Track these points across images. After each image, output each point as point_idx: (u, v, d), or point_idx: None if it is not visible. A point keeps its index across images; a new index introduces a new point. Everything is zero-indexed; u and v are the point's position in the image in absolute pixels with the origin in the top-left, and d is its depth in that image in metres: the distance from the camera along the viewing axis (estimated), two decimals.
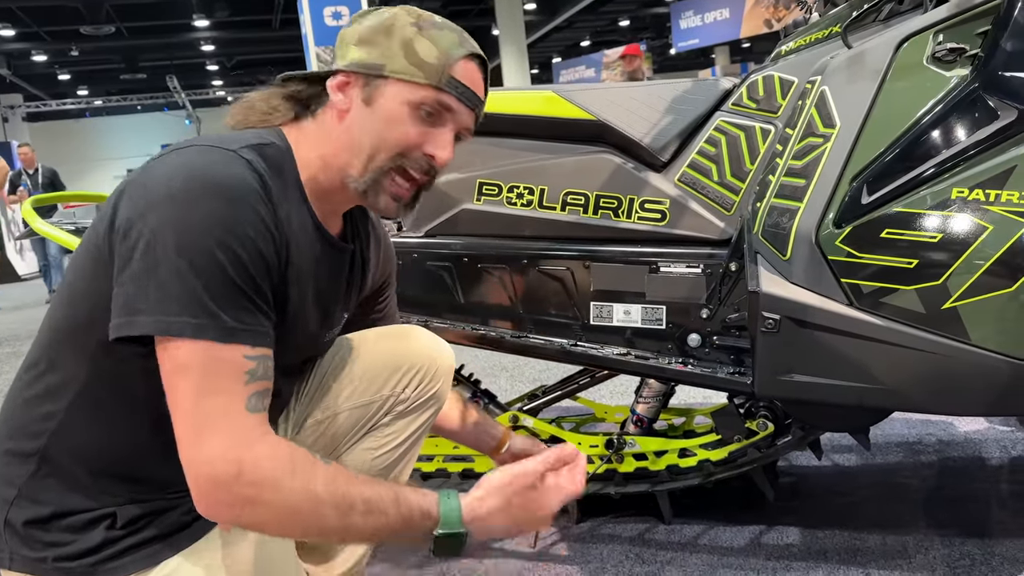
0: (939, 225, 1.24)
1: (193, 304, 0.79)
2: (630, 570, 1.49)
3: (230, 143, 0.89)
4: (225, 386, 0.81)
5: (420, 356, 1.17)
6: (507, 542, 1.65)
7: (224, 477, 0.79)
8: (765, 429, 1.61)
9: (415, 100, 0.93)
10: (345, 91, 0.95)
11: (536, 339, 1.65)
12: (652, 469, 1.70)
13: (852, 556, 1.46)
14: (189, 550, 0.93)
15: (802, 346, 1.32)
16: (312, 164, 0.96)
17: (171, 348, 0.80)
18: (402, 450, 1.18)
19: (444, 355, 1.21)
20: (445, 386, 1.21)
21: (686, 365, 1.55)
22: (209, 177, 0.83)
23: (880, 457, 1.92)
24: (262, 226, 0.84)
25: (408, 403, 1.17)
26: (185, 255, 0.79)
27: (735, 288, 1.53)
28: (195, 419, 0.80)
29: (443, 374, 1.20)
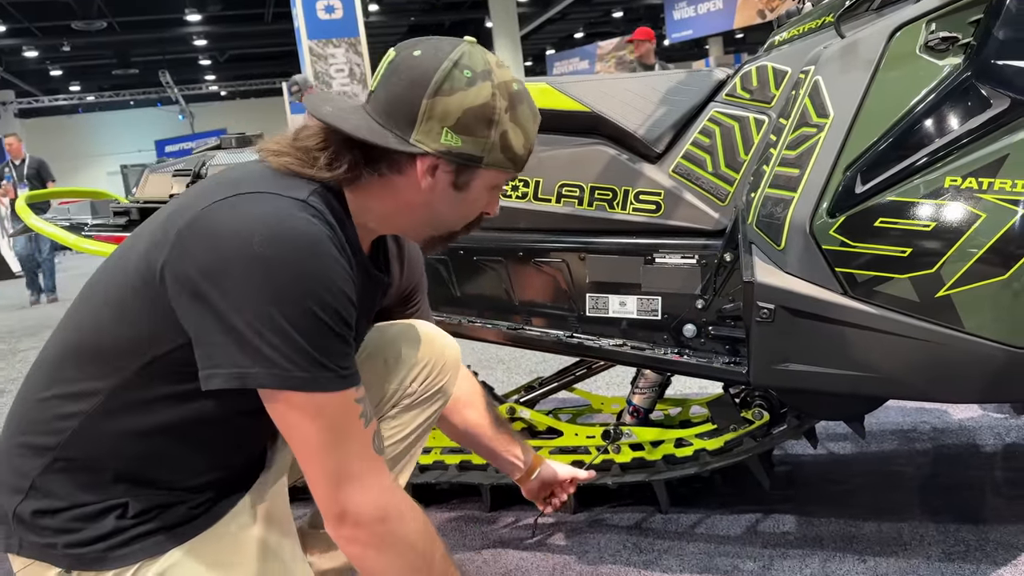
0: (933, 214, 1.25)
1: (303, 359, 0.84)
2: (627, 559, 1.50)
3: (294, 190, 0.89)
4: (350, 432, 0.88)
5: (427, 350, 1.18)
6: (503, 532, 1.66)
7: (368, 520, 0.89)
8: (760, 418, 1.62)
9: (500, 184, 0.99)
10: (435, 174, 0.94)
11: (532, 331, 1.65)
12: (649, 459, 1.70)
13: (848, 543, 1.47)
14: (196, 540, 0.96)
15: (797, 335, 1.33)
16: (368, 215, 0.97)
17: (284, 400, 0.86)
18: (407, 443, 1.19)
19: (451, 349, 1.22)
20: (452, 380, 1.21)
21: (682, 355, 1.56)
22: (290, 232, 0.84)
23: (875, 445, 1.94)
24: (345, 274, 0.88)
25: (415, 397, 1.18)
26: (282, 311, 0.82)
27: (730, 278, 1.53)
28: (333, 465, 0.88)
29: (450, 368, 1.20)
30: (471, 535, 1.67)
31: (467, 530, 1.70)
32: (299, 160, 0.94)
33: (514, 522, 1.72)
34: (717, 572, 1.42)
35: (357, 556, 0.91)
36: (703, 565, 1.45)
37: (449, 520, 1.77)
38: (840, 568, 1.39)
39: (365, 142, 0.92)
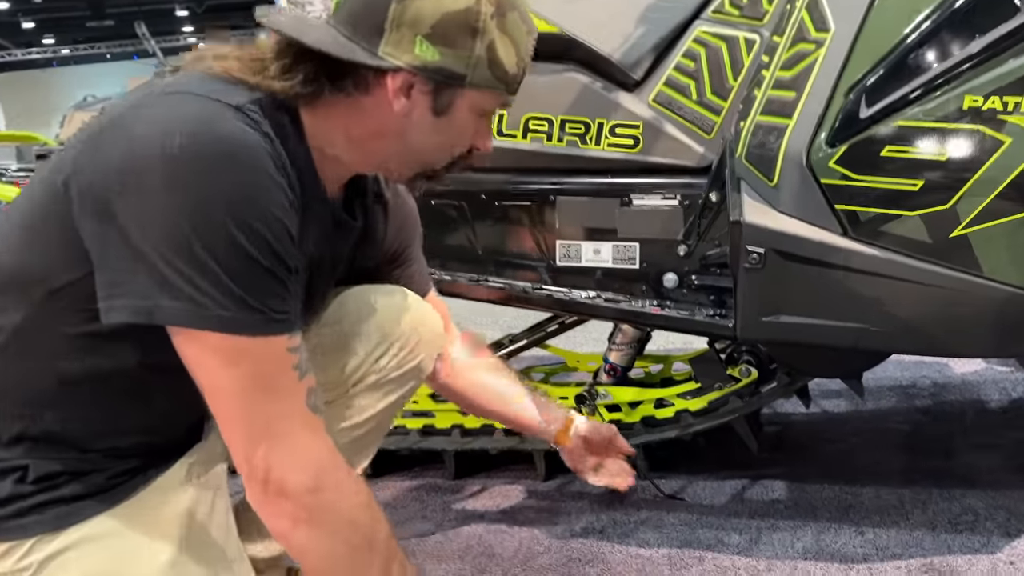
0: (948, 140, 1.08)
1: (221, 294, 0.70)
2: (601, 531, 1.37)
3: (230, 95, 0.73)
4: (278, 384, 0.74)
5: (403, 322, 1.01)
6: (466, 504, 1.52)
7: (297, 488, 0.74)
8: (748, 376, 1.47)
9: (488, 108, 0.84)
10: (410, 94, 0.79)
11: (496, 282, 1.49)
12: (626, 421, 1.56)
13: (844, 513, 1.34)
14: (107, 514, 0.81)
15: (790, 283, 1.17)
16: (329, 142, 0.81)
17: (199, 341, 0.71)
18: (372, 425, 1.03)
19: (429, 325, 1.05)
20: (428, 360, 1.05)
21: (662, 308, 1.40)
22: (217, 138, 0.70)
23: (871, 402, 1.80)
24: (284, 199, 0.73)
25: (385, 373, 1.01)
26: (200, 236, 0.68)
27: (716, 221, 1.37)
28: (255, 422, 0.74)
29: (426, 346, 1.04)
30: (432, 506, 1.53)
31: (428, 500, 1.56)
32: (245, 66, 0.77)
33: (479, 491, 1.58)
34: (699, 546, 1.29)
35: (284, 532, 0.76)
36: (684, 538, 1.32)
37: (410, 489, 1.62)
38: (835, 541, 1.26)
39: (327, 56, 0.76)
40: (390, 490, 1.63)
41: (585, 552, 1.30)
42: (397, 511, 1.52)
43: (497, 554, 1.33)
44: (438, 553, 1.35)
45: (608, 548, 1.31)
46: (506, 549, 1.34)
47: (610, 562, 1.27)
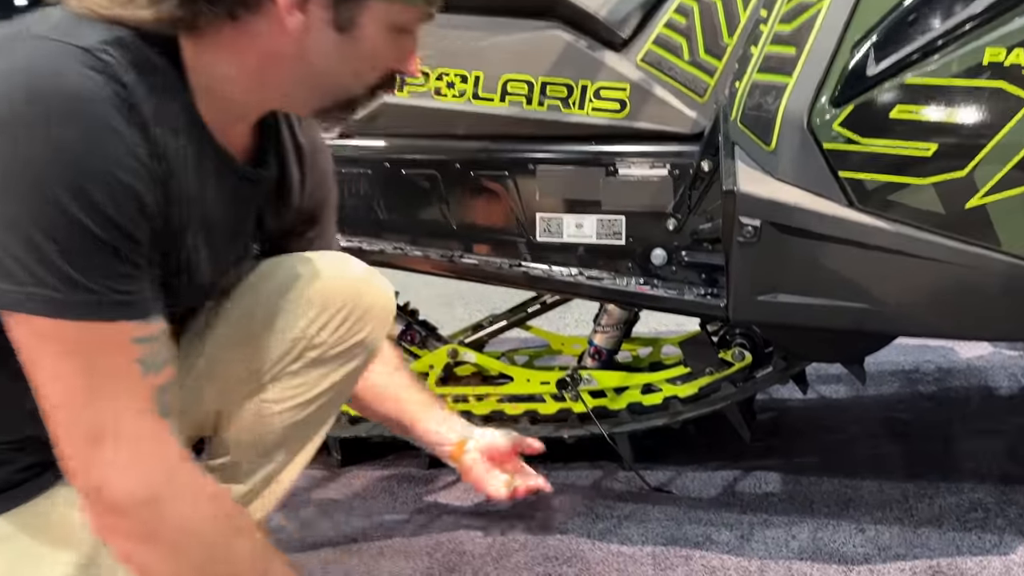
0: (967, 99, 0.97)
1: (49, 273, 0.60)
2: (581, 527, 1.27)
3: (79, 36, 0.63)
4: (116, 380, 0.65)
5: (343, 292, 0.90)
6: (439, 496, 1.42)
7: (130, 501, 0.65)
8: (741, 360, 1.36)
9: (401, 23, 0.72)
10: (304, 8, 0.68)
11: (469, 259, 1.38)
12: (611, 408, 1.46)
13: (843, 508, 1.24)
14: (10, 515, 0.73)
15: (788, 258, 1.07)
16: (219, 77, 0.70)
17: (27, 326, 0.62)
18: (313, 408, 0.93)
19: (377, 294, 0.94)
20: (377, 333, 0.94)
21: (648, 286, 1.29)
22: (46, 90, 0.60)
23: (872, 388, 1.70)
24: (132, 159, 0.63)
25: (324, 349, 0.90)
26: (26, 206, 0.60)
27: (708, 192, 1.26)
28: (84, 421, 0.64)
29: (374, 317, 0.93)
30: (403, 498, 1.43)
31: (399, 492, 1.46)
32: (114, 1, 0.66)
33: (454, 482, 1.48)
34: (686, 543, 1.19)
35: (122, 554, 0.67)
36: (670, 534, 1.22)
37: (381, 480, 1.52)
38: (834, 539, 1.16)
39: None
40: (360, 480, 1.53)
41: (563, 550, 1.21)
42: (366, 503, 1.43)
43: (468, 551, 1.23)
44: (406, 549, 1.25)
45: (588, 545, 1.21)
46: (478, 546, 1.25)
47: (589, 561, 1.17)
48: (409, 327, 1.63)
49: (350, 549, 1.27)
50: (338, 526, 1.35)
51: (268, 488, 0.96)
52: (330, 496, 1.48)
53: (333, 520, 1.37)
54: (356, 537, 1.31)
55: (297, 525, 1.37)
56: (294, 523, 1.38)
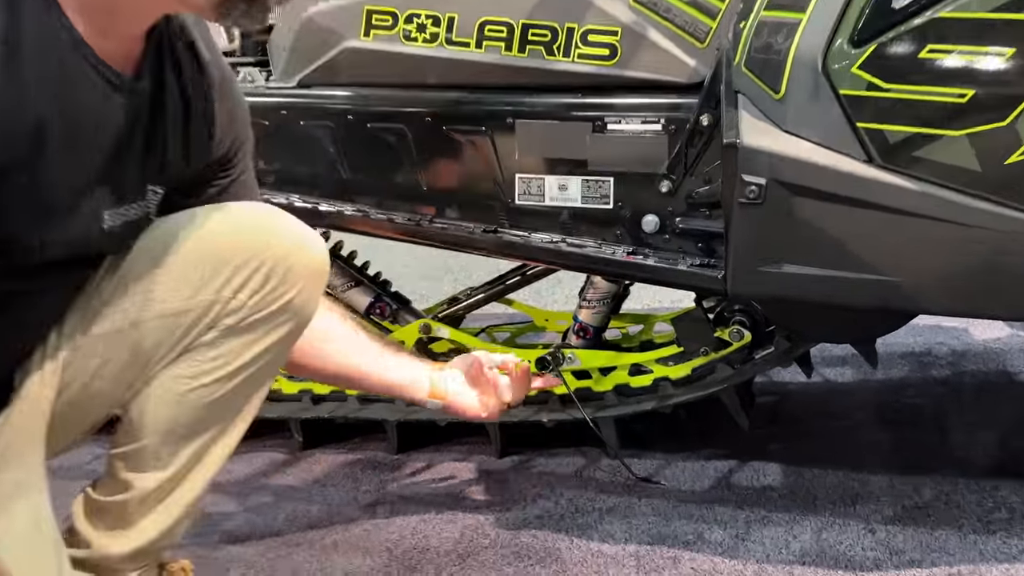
0: (1008, 36, 0.83)
1: None
2: (559, 522, 1.14)
3: None
4: None
5: (263, 247, 0.77)
6: (406, 483, 1.30)
7: None
8: (740, 339, 1.23)
9: None
10: None
11: (440, 223, 1.24)
12: (596, 390, 1.33)
13: (850, 504, 1.12)
14: None
15: (796, 223, 0.93)
16: None
17: None
18: (236, 382, 0.79)
19: (306, 249, 0.80)
20: (307, 296, 0.80)
21: (638, 256, 1.16)
22: None
23: (881, 372, 1.57)
24: None
25: (243, 315, 0.77)
26: None
27: (707, 150, 1.12)
28: None
29: (302, 277, 0.79)
30: (366, 485, 1.31)
31: (363, 478, 1.34)
32: None
33: (423, 468, 1.36)
34: (674, 543, 1.07)
35: None
36: (657, 532, 1.10)
37: (344, 465, 1.40)
38: (840, 540, 1.04)
39: None
40: (321, 465, 1.40)
41: (537, 547, 1.08)
42: (326, 490, 1.30)
43: (433, 547, 1.11)
44: (364, 543, 1.13)
45: (565, 543, 1.09)
46: (444, 541, 1.12)
47: (566, 561, 1.04)
48: (379, 299, 1.50)
49: (302, 541, 1.15)
50: (292, 515, 1.23)
51: (193, 473, 0.84)
52: (287, 482, 1.35)
53: (287, 508, 1.25)
54: (311, 527, 1.19)
55: (246, 512, 1.25)
56: (243, 510, 1.26)
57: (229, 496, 1.32)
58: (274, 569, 1.09)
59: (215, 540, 1.18)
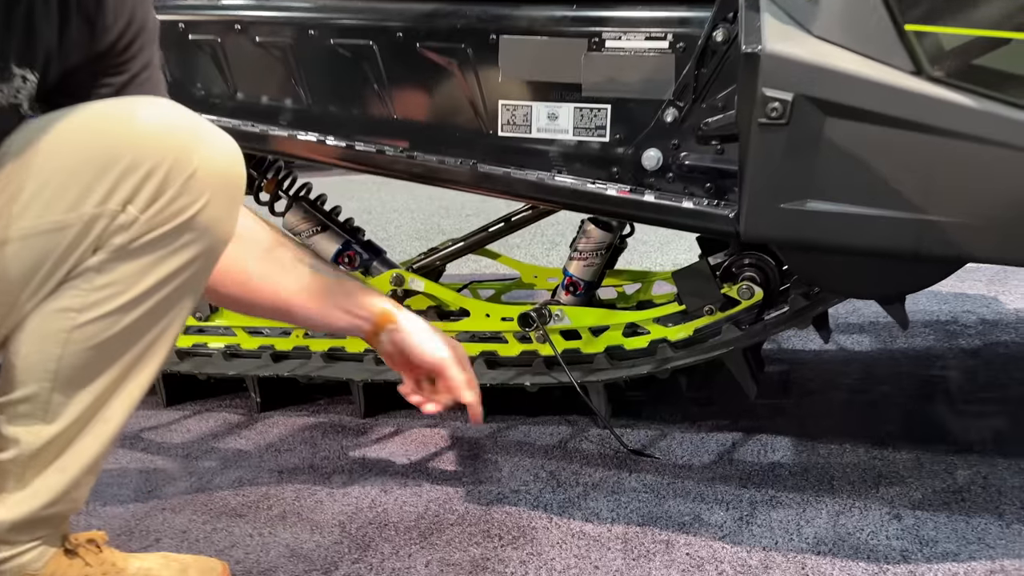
0: None
1: None
2: (537, 497, 1.00)
3: None
4: None
5: (158, 148, 0.61)
6: (370, 451, 1.16)
7: None
8: (750, 297, 1.09)
9: None
10: None
11: (417, 156, 1.08)
12: (586, 352, 1.18)
13: (872, 485, 0.97)
14: None
15: (826, 149, 0.78)
16: None
17: None
18: (132, 318, 0.64)
19: (213, 151, 0.64)
20: (217, 210, 0.65)
21: (638, 194, 1.00)
22: None
23: (903, 340, 1.43)
24: None
25: (135, 232, 0.62)
26: None
27: (720, 73, 0.97)
28: None
29: (208, 186, 0.63)
30: (325, 451, 1.17)
31: (322, 444, 1.20)
32: None
33: (390, 434, 1.22)
34: (668, 524, 0.93)
35: None
36: (648, 511, 0.95)
37: (303, 429, 1.26)
38: (860, 526, 0.90)
39: None
40: (278, 429, 1.26)
41: (510, 525, 0.94)
42: (280, 456, 1.16)
43: (392, 522, 0.97)
44: (315, 517, 0.99)
45: (543, 522, 0.95)
46: (406, 516, 0.98)
47: (541, 542, 0.90)
48: (347, 247, 1.35)
49: (246, 511, 1.01)
50: (239, 481, 1.09)
51: (92, 426, 0.70)
52: (238, 445, 1.21)
53: (234, 474, 1.11)
54: (258, 496, 1.05)
55: (188, 477, 1.11)
56: (185, 474, 1.12)
57: (170, 458, 1.18)
58: (210, 541, 0.95)
59: (147, 507, 1.04)
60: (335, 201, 1.42)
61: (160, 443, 1.24)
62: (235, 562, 0.91)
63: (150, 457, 1.20)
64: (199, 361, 1.37)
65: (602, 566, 0.85)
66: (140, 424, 1.33)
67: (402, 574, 0.87)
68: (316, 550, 0.92)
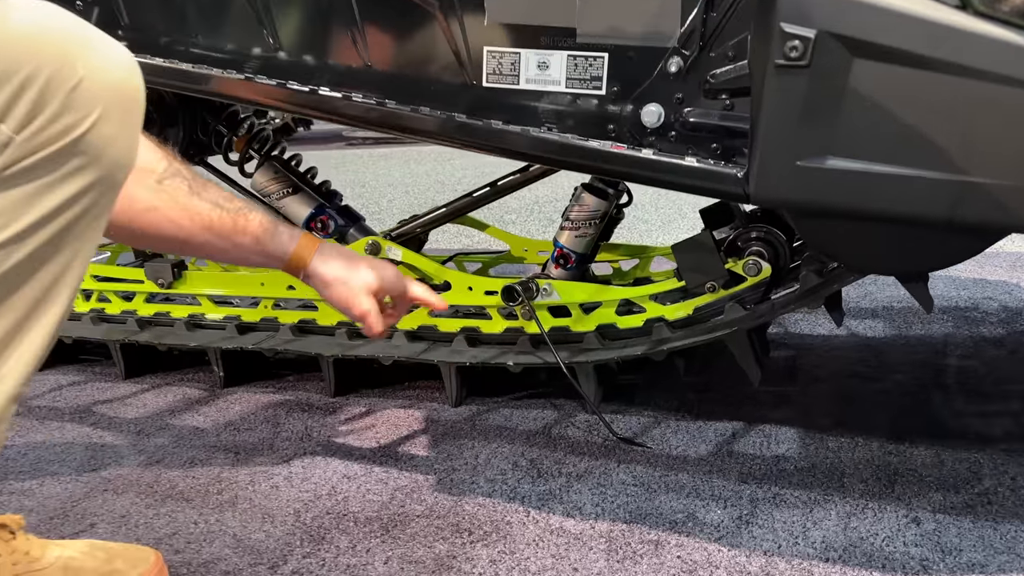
0: None
1: None
2: (513, 488, 0.91)
3: None
4: None
5: (33, 55, 0.50)
6: (336, 433, 1.06)
7: None
8: (756, 273, 0.99)
9: None
10: None
11: (394, 109, 0.97)
12: (575, 330, 1.08)
13: (887, 484, 0.87)
14: None
15: (852, 96, 0.67)
16: None
17: None
18: (16, 259, 0.53)
19: (103, 57, 0.53)
20: (111, 129, 0.53)
21: (634, 151, 0.90)
22: None
23: (920, 327, 1.32)
24: None
25: (11, 154, 0.50)
26: None
27: (732, 17, 0.85)
28: None
29: (99, 100, 0.52)
30: (287, 433, 1.07)
31: (285, 425, 1.10)
32: None
33: (361, 415, 1.12)
34: (658, 523, 0.83)
35: None
36: (637, 508, 0.86)
37: (267, 407, 1.16)
38: (874, 530, 0.80)
39: None
40: (240, 406, 1.17)
41: (483, 519, 0.84)
42: (238, 436, 1.07)
43: (352, 513, 0.87)
44: (269, 504, 0.89)
45: (519, 516, 0.85)
46: (368, 504, 0.89)
47: (516, 539, 0.81)
48: (320, 211, 1.25)
49: (195, 495, 0.91)
50: (190, 462, 1.00)
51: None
52: (195, 422, 1.12)
53: (185, 454, 1.02)
54: (209, 479, 0.95)
55: (135, 455, 1.02)
56: (132, 452, 1.02)
57: (120, 434, 1.09)
58: (150, 527, 0.86)
59: (87, 487, 0.94)
60: (326, 175, 1.33)
61: (112, 418, 1.15)
62: (174, 552, 0.82)
63: (99, 432, 1.10)
64: (160, 331, 1.27)
65: (582, 568, 0.76)
66: (93, 396, 1.23)
67: (358, 571, 0.77)
68: (265, 541, 0.83)
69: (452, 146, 0.96)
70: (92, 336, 1.30)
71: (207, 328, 1.25)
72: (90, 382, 1.29)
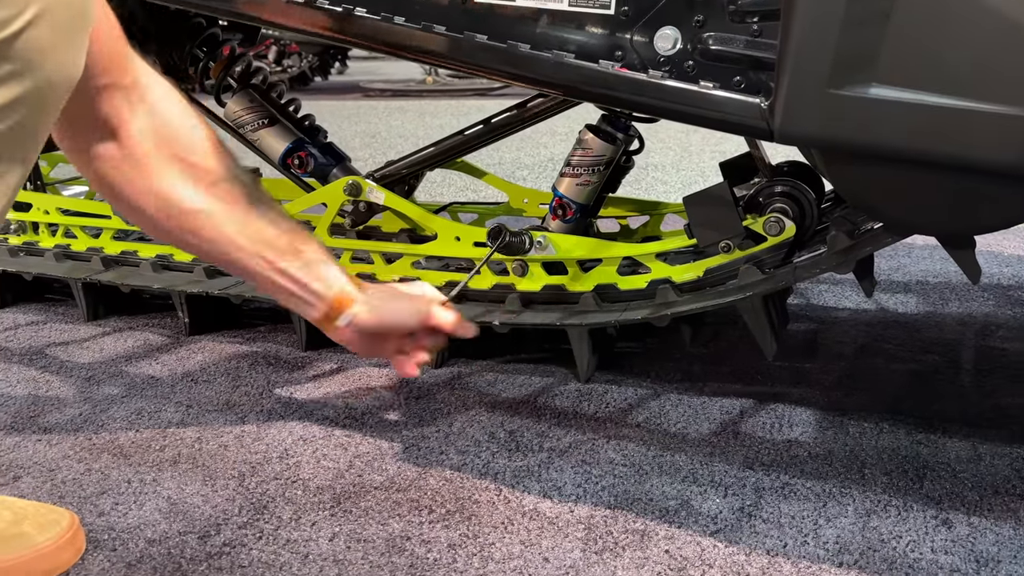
0: None
1: None
2: (486, 463, 0.80)
3: None
4: None
5: None
6: (304, 392, 0.96)
7: None
8: (778, 232, 0.87)
9: None
10: None
11: (351, 9, 0.85)
12: (571, 289, 0.97)
13: (915, 479, 0.76)
14: None
15: (904, 9, 0.54)
16: None
17: None
18: None
19: None
20: (50, 28, 0.43)
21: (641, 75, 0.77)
22: None
23: (955, 305, 1.19)
24: None
25: None
26: None
27: None
28: None
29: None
30: (248, 386, 0.98)
31: (245, 379, 1.01)
32: None
33: (330, 372, 1.02)
34: (648, 510, 0.72)
35: None
36: (624, 491, 0.75)
37: (230, 358, 1.07)
38: (897, 531, 0.69)
39: None
40: (201, 356, 1.07)
41: (447, 497, 0.74)
42: (193, 389, 0.97)
43: (303, 479, 0.77)
44: (211, 465, 0.80)
45: (488, 494, 0.75)
46: (322, 472, 0.79)
47: (482, 521, 0.71)
48: (299, 146, 1.14)
49: (134, 450, 0.82)
50: (136, 415, 0.90)
51: None
52: (150, 371, 1.03)
53: (133, 405, 0.93)
54: (152, 434, 0.86)
55: (78, 404, 0.92)
56: (77, 400, 0.93)
57: (69, 380, 1.00)
58: (78, 484, 0.77)
59: (20, 436, 0.86)
60: (339, 125, 1.22)
61: (64, 362, 1.06)
62: (98, 514, 0.72)
63: (46, 377, 1.02)
64: (124, 271, 1.18)
65: (553, 558, 0.65)
66: (49, 338, 1.14)
67: (298, 547, 0.67)
68: (201, 507, 0.73)
69: (429, 63, 0.84)
70: (53, 273, 1.21)
71: (174, 270, 1.15)
72: (49, 323, 1.21)
